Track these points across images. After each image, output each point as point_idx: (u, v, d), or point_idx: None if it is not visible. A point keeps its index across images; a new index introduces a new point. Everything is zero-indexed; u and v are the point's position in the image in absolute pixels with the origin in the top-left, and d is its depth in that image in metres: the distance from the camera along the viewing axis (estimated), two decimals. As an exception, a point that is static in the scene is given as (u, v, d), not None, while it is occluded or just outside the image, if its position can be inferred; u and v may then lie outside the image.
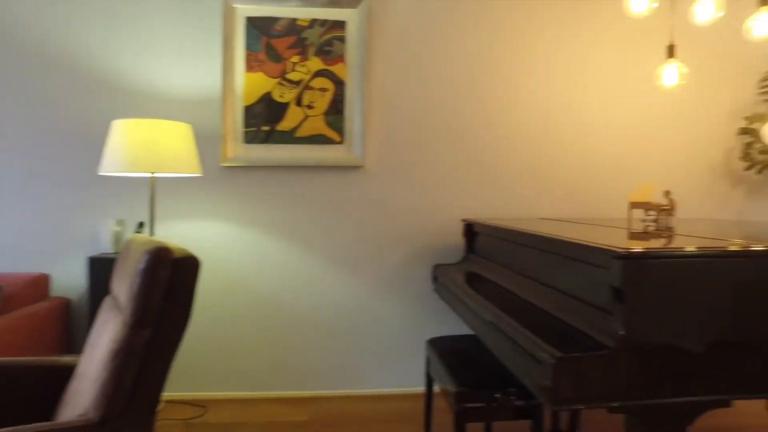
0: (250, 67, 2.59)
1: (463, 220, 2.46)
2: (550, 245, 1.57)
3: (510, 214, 2.80)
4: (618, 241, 1.34)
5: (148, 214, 2.56)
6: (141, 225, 2.47)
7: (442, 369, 1.82)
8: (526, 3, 2.76)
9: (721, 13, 2.28)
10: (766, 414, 2.47)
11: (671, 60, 2.35)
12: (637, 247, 1.16)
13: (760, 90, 2.99)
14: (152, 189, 2.27)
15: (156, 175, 2.44)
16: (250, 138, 2.60)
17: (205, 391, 2.62)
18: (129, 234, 2.52)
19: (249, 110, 2.60)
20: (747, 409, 2.56)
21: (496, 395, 1.61)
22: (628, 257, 1.12)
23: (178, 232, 2.58)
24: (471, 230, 2.46)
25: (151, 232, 2.30)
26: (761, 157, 2.86)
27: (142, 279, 1.13)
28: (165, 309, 1.15)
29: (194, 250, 2.60)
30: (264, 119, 2.61)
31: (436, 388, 2.10)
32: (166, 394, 2.60)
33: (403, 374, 2.74)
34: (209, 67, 2.58)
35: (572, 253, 1.42)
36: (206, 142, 2.59)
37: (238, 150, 2.59)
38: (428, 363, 2.09)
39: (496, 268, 2.06)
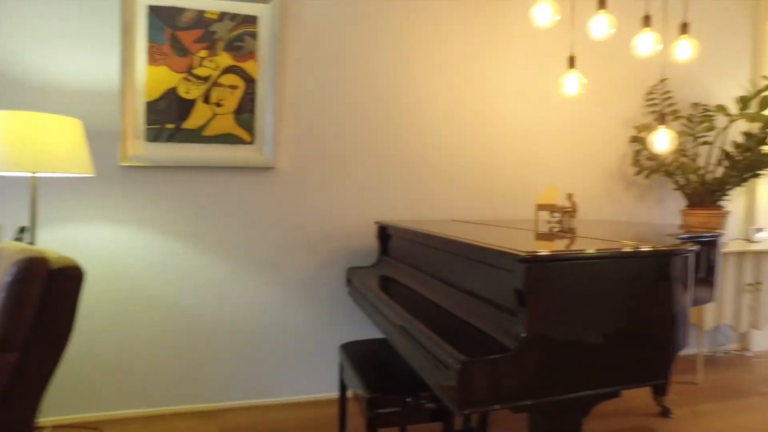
0: (153, 60, 2.42)
1: (377, 223, 2.45)
2: (458, 248, 1.59)
3: (425, 216, 2.84)
4: (523, 244, 1.38)
5: (29, 218, 2.31)
6: (22, 230, 2.21)
7: (355, 374, 1.79)
8: (438, 7, 2.81)
9: (613, 30, 2.45)
10: (652, 401, 2.68)
11: (572, 70, 2.49)
12: (540, 250, 1.20)
13: (647, 102, 3.27)
14: (33, 190, 2.04)
15: (38, 174, 2.20)
16: (154, 136, 2.43)
17: (98, 412, 2.40)
18: (8, 240, 2.25)
19: (152, 106, 2.42)
20: (632, 393, 2.78)
21: (407, 399, 1.61)
22: (531, 260, 1.15)
23: (67, 238, 2.35)
24: (385, 232, 2.46)
25: (32, 239, 2.07)
26: (648, 164, 3.12)
27: (8, 294, 0.99)
28: (38, 328, 1.02)
29: (86, 257, 2.38)
30: (169, 116, 2.45)
31: (350, 394, 2.07)
32: (54, 419, 2.36)
33: (318, 380, 2.69)
34: (106, 59, 2.37)
35: (479, 256, 1.45)
36: (102, 140, 2.38)
37: (139, 148, 2.41)
38: (341, 368, 2.05)
39: (409, 270, 2.07)
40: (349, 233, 2.70)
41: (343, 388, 2.11)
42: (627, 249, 1.29)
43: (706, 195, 2.97)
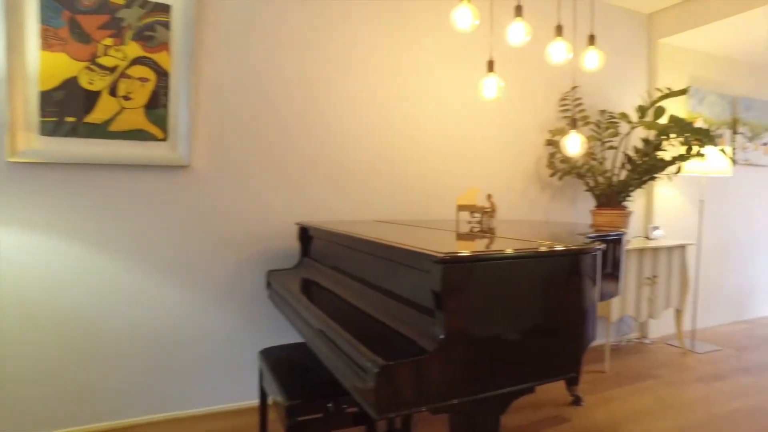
0: (48, 45, 2.20)
1: (298, 224, 2.39)
2: (377, 249, 1.57)
3: (349, 216, 2.81)
4: (440, 244, 1.39)
5: None
6: None
7: (274, 381, 1.73)
8: (360, 6, 2.79)
9: (528, 38, 2.54)
10: (565, 391, 2.83)
11: (491, 74, 2.56)
12: (456, 251, 1.21)
13: (561, 108, 3.45)
14: None
15: None
16: (50, 129, 2.21)
17: (-13, 435, 2.16)
18: None
19: (47, 96, 2.20)
20: (546, 385, 2.92)
21: (329, 405, 1.57)
22: (447, 261, 1.15)
23: (-54, 242, 2.08)
24: (306, 234, 2.40)
25: None
26: (562, 166, 3.29)
27: None
28: None
29: (-30, 263, 2.12)
30: (69, 108, 2.24)
31: (271, 401, 2.00)
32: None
33: (239, 388, 2.58)
34: (-8, 42, 2.13)
35: (397, 257, 1.44)
36: (-13, 132, 2.13)
37: (32, 143, 2.18)
38: (261, 375, 1.98)
39: (330, 272, 2.03)
40: (270, 234, 2.61)
41: (263, 396, 2.04)
42: (542, 249, 1.33)
43: (612, 196, 3.18)
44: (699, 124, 4.10)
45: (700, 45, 4.06)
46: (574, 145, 2.52)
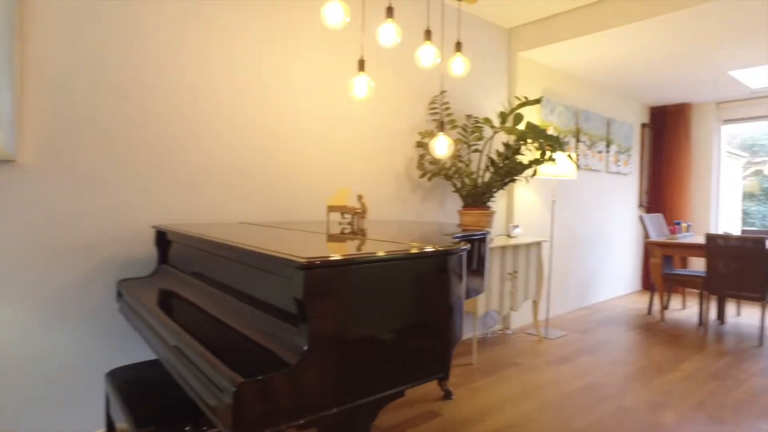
0: None
1: (154, 227, 2.15)
2: (239, 255, 1.45)
3: (213, 219, 2.61)
4: (306, 248, 1.31)
5: None
6: None
7: (121, 406, 1.52)
8: (232, 3, 2.61)
9: (399, 39, 2.57)
10: (437, 387, 2.92)
11: (361, 73, 2.54)
12: (321, 255, 1.14)
13: (430, 111, 3.56)
14: None
15: None
16: None
17: None
18: None
19: None
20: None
21: (186, 429, 1.42)
22: (311, 267, 1.08)
23: None
24: (163, 238, 2.17)
25: None
26: (431, 167, 3.40)
27: None
28: None
29: None
30: None
31: (119, 429, 1.77)
32: None
33: (83, 415, 2.25)
34: None
35: (260, 263, 1.34)
36: None
37: None
38: (107, 400, 1.74)
39: (190, 281, 1.85)
40: (123, 240, 2.32)
41: (110, 424, 1.79)
42: (411, 250, 1.32)
43: (477, 197, 3.35)
44: (550, 131, 4.52)
45: (552, 61, 4.48)
46: (442, 147, 2.61)
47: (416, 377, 1.36)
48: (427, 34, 2.70)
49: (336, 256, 1.14)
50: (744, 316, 4.87)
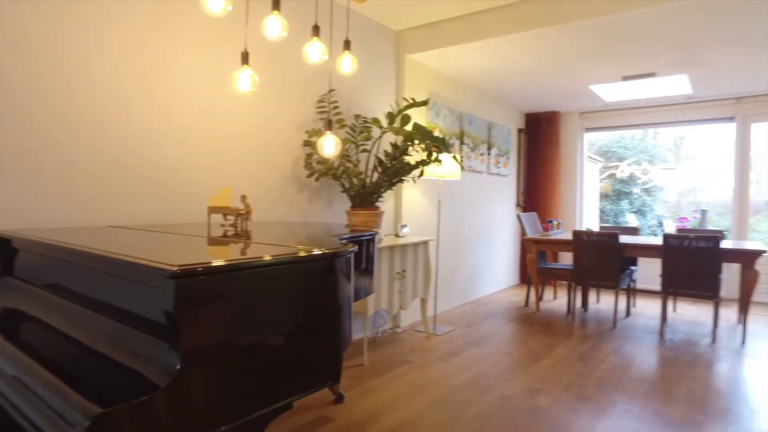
0: None
1: (-5, 234, 1.84)
2: (102, 264, 1.28)
3: (77, 222, 2.30)
4: (178, 254, 1.19)
5: None
6: None
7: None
8: (88, -29, 2.32)
9: (285, 33, 2.47)
10: (327, 391, 2.86)
11: (245, 67, 2.40)
12: (196, 262, 1.03)
13: (318, 110, 3.49)
14: None
15: None
16: None
17: None
18: None
19: None
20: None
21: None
22: (183, 276, 0.97)
23: None
24: (8, 246, 1.86)
25: None
26: (318, 167, 3.33)
27: None
28: None
29: None
30: None
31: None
32: None
33: None
34: None
35: (124, 272, 1.18)
36: None
37: None
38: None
39: (41, 296, 1.60)
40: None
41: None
42: (300, 254, 1.25)
43: (366, 197, 3.35)
44: (436, 133, 4.68)
45: (438, 65, 4.63)
46: (330, 146, 2.56)
47: (307, 386, 1.30)
48: (315, 30, 2.63)
49: (215, 262, 1.03)
50: (602, 303, 5.44)
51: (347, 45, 2.90)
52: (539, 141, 6.63)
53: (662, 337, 4.10)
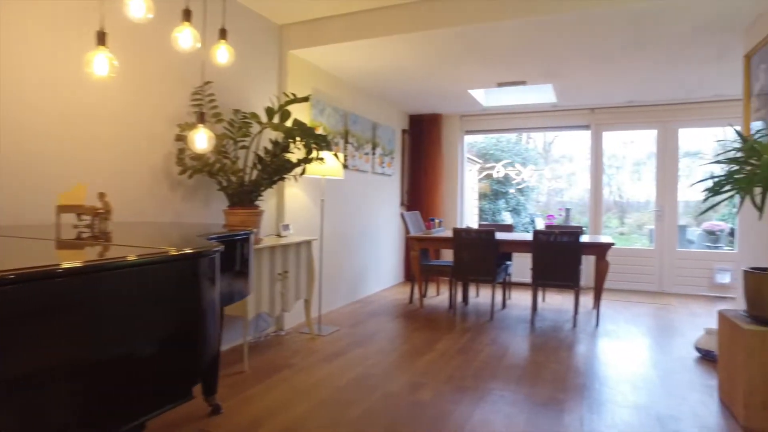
0: None
1: None
2: None
3: None
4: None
5: None
6: None
7: None
8: None
9: (150, 15, 2.26)
10: (203, 403, 2.66)
11: (101, 48, 2.15)
12: (19, 267, 0.87)
13: (193, 102, 3.26)
14: None
15: None
16: None
17: None
18: None
19: None
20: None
21: None
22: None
23: None
24: None
25: None
26: (192, 163, 3.10)
27: None
28: None
29: None
30: None
31: None
32: None
33: None
34: None
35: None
36: None
37: None
38: None
39: None
40: None
41: None
42: (161, 254, 1.11)
43: (244, 195, 3.19)
44: (320, 131, 4.61)
45: (322, 62, 4.57)
46: (202, 141, 2.38)
47: (161, 402, 1.17)
48: (186, 15, 2.45)
49: (34, 267, 0.88)
50: (481, 297, 5.76)
51: (223, 34, 2.75)
52: (422, 142, 6.86)
53: (533, 326, 4.43)
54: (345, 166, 5.13)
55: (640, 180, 11.76)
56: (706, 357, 3.53)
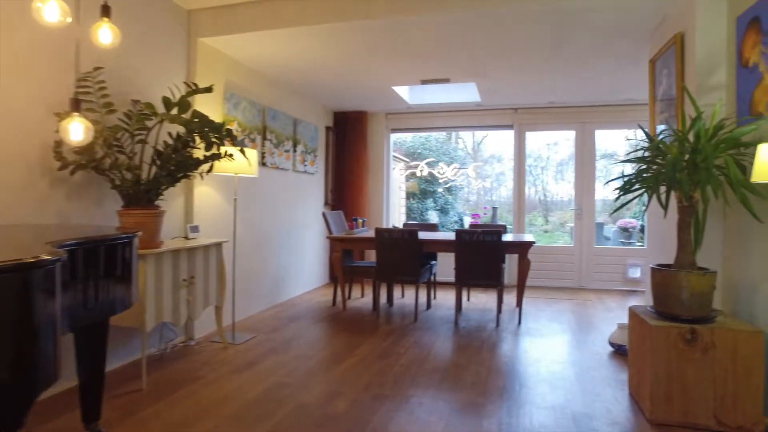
0: None
1: None
2: None
3: None
4: None
5: None
6: None
7: None
8: None
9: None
10: (83, 429, 2.34)
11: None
12: None
13: (80, 90, 2.89)
14: None
15: None
16: None
17: None
18: None
19: None
20: (56, 426, 2.37)
21: None
22: None
23: None
24: None
25: None
26: (75, 158, 2.75)
27: None
28: None
29: None
30: None
31: None
32: None
33: None
34: None
35: None
36: None
37: None
38: None
39: None
40: None
41: None
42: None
43: (141, 194, 2.88)
44: (234, 127, 4.32)
45: (236, 53, 4.28)
46: (77, 131, 2.08)
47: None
48: (56, -13, 2.12)
49: None
50: (407, 297, 5.68)
51: (106, 11, 2.44)
52: (348, 140, 6.69)
53: (457, 326, 4.39)
54: (263, 164, 4.86)
55: (563, 180, 12.28)
56: (619, 351, 3.62)
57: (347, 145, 6.68)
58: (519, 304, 4.69)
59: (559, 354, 3.63)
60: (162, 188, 2.97)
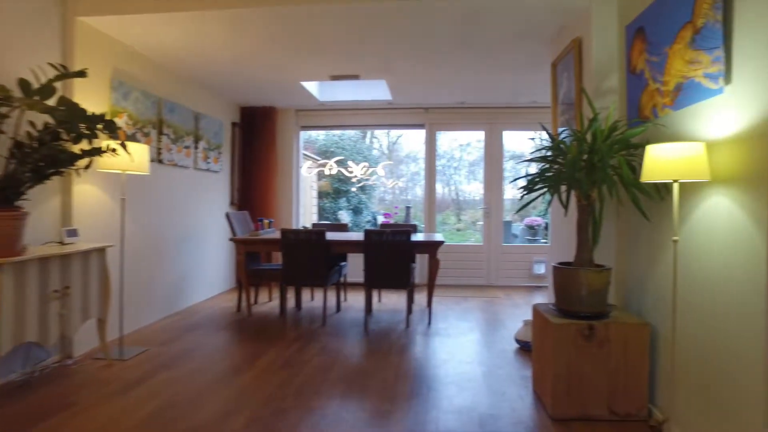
0: None
1: None
2: None
3: None
4: None
5: None
6: None
7: None
8: None
9: None
10: None
11: None
12: None
13: None
14: None
15: None
16: None
17: None
18: None
19: None
20: None
21: None
22: None
23: None
24: None
25: None
26: None
27: None
28: None
29: None
30: None
31: None
32: None
33: None
34: None
35: None
36: None
37: None
38: None
39: None
40: None
41: None
42: None
43: (-3, 193, 2.47)
44: (123, 119, 3.91)
45: (126, 38, 3.87)
46: None
47: None
48: None
49: None
50: (317, 300, 5.50)
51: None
52: (255, 136, 6.37)
53: (366, 329, 4.28)
54: (159, 161, 4.46)
55: (475, 180, 12.66)
56: (524, 348, 3.69)
57: (255, 142, 6.36)
58: (429, 304, 4.67)
59: (467, 354, 3.63)
60: (24, 186, 2.57)
